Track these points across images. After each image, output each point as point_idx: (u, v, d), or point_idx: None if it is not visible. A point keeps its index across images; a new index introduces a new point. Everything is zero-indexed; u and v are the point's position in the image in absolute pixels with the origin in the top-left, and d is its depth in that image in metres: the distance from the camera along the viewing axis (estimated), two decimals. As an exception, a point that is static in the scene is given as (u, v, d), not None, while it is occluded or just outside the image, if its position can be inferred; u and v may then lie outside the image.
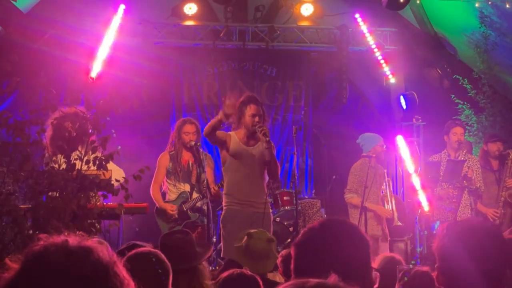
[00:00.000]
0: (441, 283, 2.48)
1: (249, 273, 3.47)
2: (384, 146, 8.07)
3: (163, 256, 3.11)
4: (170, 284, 3.07)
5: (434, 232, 7.81)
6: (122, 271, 1.57)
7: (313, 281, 1.56)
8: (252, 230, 4.59)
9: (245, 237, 4.48)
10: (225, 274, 3.45)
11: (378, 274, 2.67)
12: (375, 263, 3.83)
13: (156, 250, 3.15)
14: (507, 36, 9.32)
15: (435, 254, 2.54)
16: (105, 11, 9.26)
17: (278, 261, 4.49)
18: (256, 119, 6.36)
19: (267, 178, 6.59)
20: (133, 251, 3.04)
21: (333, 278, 1.60)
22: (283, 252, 4.53)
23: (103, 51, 9.01)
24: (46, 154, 5.85)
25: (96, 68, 8.89)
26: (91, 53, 8.96)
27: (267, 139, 6.25)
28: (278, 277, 5.21)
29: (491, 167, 8.07)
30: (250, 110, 6.39)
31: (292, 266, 2.21)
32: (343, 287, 1.58)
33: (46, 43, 9.09)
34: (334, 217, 2.33)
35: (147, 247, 3.18)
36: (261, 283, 3.41)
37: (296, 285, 1.57)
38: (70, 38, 9.11)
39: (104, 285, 1.51)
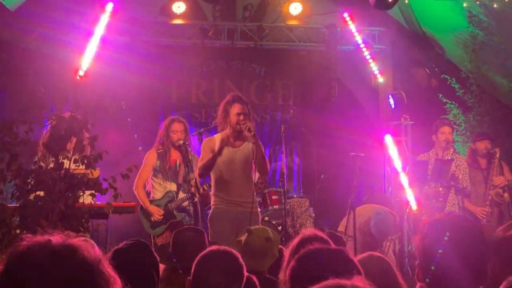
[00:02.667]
0: (421, 280, 2.50)
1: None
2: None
3: (149, 248, 3.09)
4: (158, 277, 3.06)
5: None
6: (108, 269, 1.56)
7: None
8: (253, 227, 4.56)
9: (246, 233, 4.46)
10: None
11: None
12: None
13: (142, 243, 3.12)
14: (495, 35, 9.36)
15: (415, 252, 2.56)
16: (93, 9, 9.21)
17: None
18: (241, 117, 6.32)
19: (255, 177, 6.56)
20: (121, 245, 3.03)
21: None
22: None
23: (91, 50, 8.97)
24: (40, 154, 5.80)
25: (84, 66, 8.85)
26: (79, 52, 8.91)
27: (252, 133, 6.18)
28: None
29: (479, 165, 8.08)
30: (235, 109, 6.36)
31: None
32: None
33: (34, 42, 9.05)
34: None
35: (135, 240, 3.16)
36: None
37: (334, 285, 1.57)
38: (58, 36, 9.07)
39: (89, 284, 1.50)
